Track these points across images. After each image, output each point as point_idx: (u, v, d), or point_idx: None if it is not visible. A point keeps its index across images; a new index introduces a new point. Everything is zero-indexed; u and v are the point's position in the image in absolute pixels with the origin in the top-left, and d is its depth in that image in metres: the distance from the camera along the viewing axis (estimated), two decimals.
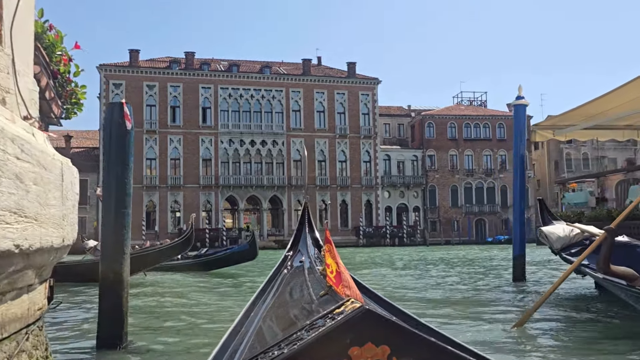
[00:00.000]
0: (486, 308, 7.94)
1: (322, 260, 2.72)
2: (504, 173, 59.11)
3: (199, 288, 11.74)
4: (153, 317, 7.53)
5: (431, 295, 9.41)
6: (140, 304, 9.00)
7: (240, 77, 52.56)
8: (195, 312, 7.96)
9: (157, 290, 11.41)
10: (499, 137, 59.64)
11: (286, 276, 3.63)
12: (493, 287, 10.18)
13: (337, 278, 2.26)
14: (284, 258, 4.14)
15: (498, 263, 19.31)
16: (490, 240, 54.07)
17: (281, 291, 3.25)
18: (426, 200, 57.35)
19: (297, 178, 52.60)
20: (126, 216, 4.11)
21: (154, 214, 49.63)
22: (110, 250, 4.03)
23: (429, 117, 59.06)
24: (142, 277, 13.44)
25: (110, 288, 4.00)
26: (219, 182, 50.81)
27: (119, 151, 4.11)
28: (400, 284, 11.77)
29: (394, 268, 18.01)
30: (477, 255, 26.19)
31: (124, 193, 4.09)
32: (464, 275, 13.85)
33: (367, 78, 56.22)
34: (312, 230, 4.57)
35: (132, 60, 50.87)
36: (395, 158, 57.41)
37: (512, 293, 9.22)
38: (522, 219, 10.44)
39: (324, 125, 54.18)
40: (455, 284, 11.31)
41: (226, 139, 51.50)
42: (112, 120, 4.14)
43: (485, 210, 58.37)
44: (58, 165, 2.21)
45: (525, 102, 10.34)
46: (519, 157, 10.70)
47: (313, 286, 2.70)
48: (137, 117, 49.25)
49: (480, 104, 65.52)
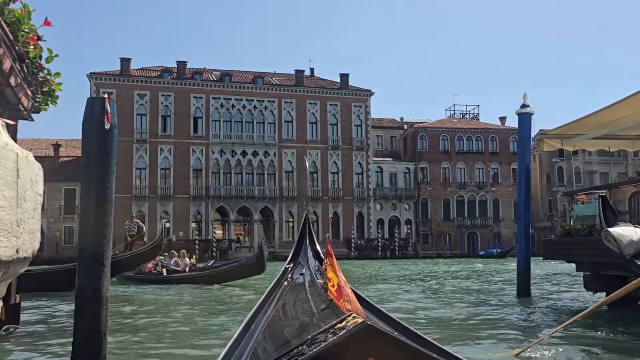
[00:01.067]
0: (489, 327, 7.52)
1: (323, 273, 2.81)
2: (496, 186, 59.02)
3: (191, 303, 11.20)
4: (136, 335, 7.04)
5: (432, 312, 8.98)
6: (123, 320, 8.52)
7: (232, 87, 52.22)
8: (182, 331, 7.48)
9: (145, 305, 10.87)
10: (491, 150, 59.56)
11: (286, 289, 3.57)
12: (496, 304, 9.75)
13: (338, 292, 2.25)
14: (284, 270, 4.07)
15: (499, 277, 18.83)
16: (482, 254, 53.69)
17: (281, 304, 3.21)
18: (418, 213, 57.06)
19: (289, 189, 52.19)
20: (107, 225, 3.66)
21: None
22: (88, 263, 3.57)
23: (422, 129, 58.93)
24: (116, 289, 12.77)
25: (87, 306, 3.53)
26: (209, 193, 50.28)
27: (100, 153, 3.65)
28: (401, 300, 11.32)
29: (393, 282, 17.52)
30: (474, 269, 25.74)
31: (105, 199, 3.64)
32: (465, 290, 13.36)
33: (359, 90, 56.04)
34: (313, 243, 4.47)
35: (123, 69, 50.44)
36: (387, 170, 57.14)
37: (517, 310, 8.80)
38: (528, 232, 10.04)
39: (316, 137, 53.87)
40: (457, 299, 10.87)
41: (217, 149, 51.05)
42: (91, 117, 3.68)
43: (477, 223, 58.14)
44: (11, 158, 1.75)
45: (531, 111, 9.96)
46: (524, 168, 10.29)
47: (314, 299, 2.68)
48: (127, 126, 48.83)
49: (473, 117, 65.57)
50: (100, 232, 3.62)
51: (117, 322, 8.10)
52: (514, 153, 60.04)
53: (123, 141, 48.68)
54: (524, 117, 9.95)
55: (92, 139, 3.68)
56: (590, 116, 8.12)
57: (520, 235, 10.19)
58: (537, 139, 10.16)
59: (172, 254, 18.36)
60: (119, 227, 46.81)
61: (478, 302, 10.03)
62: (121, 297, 12.49)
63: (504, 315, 8.22)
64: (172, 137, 50.28)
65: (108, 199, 3.68)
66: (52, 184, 47.49)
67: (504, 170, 59.53)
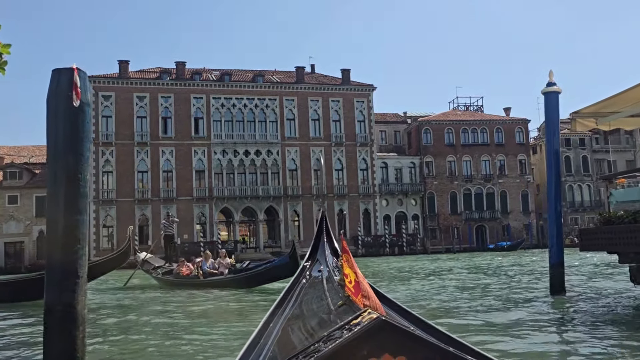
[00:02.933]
0: (525, 326, 6.81)
1: (341, 270, 2.82)
2: (503, 178, 58.19)
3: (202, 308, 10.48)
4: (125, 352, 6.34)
5: (462, 311, 8.25)
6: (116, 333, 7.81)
7: (232, 86, 51.50)
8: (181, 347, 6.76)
9: (146, 313, 10.17)
10: (497, 142, 58.72)
11: (304, 286, 3.57)
12: (529, 301, 8.99)
13: (355, 288, 2.25)
14: (302, 268, 4.05)
15: (522, 270, 17.92)
16: (492, 247, 52.90)
17: (300, 302, 3.22)
18: (425, 207, 56.26)
19: (293, 188, 51.48)
20: (80, 226, 2.93)
21: (146, 229, 48.32)
22: (58, 274, 2.86)
23: (426, 123, 58.11)
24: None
25: (58, 326, 2.82)
26: (213, 194, 49.58)
27: (69, 135, 2.93)
28: (422, 297, 10.57)
29: (410, 279, 16.74)
30: (492, 263, 24.85)
31: (76, 193, 2.92)
32: (491, 286, 12.49)
33: (361, 85, 55.27)
34: (331, 240, 4.39)
35: (121, 72, 49.76)
36: (392, 165, 56.36)
37: (551, 310, 8.05)
38: (560, 222, 9.18)
39: (319, 134, 53.11)
40: (486, 297, 10.10)
41: (219, 150, 50.35)
42: (57, 92, 2.96)
43: (485, 216, 57.30)
44: None
45: (558, 89, 9.16)
46: (553, 152, 9.46)
47: (331, 296, 2.70)
48: (128, 129, 48.19)
49: (477, 108, 64.72)
50: (72, 235, 2.91)
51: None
52: (520, 144, 59.28)
53: (123, 144, 48.08)
54: (551, 96, 9.14)
55: (58, 119, 2.96)
56: (627, 92, 7.36)
57: (552, 225, 9.34)
58: (570, 119, 9.14)
59: (207, 255, 17.22)
60: (123, 232, 46.18)
61: (507, 302, 9.25)
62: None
63: (537, 317, 7.47)
64: (173, 138, 49.60)
65: (81, 193, 2.97)
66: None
67: (511, 162, 58.69)
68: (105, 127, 48.10)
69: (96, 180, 47.33)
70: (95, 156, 47.59)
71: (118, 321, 9.21)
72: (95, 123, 47.86)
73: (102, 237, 47.03)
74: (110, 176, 48.00)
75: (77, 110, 2.97)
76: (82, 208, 2.98)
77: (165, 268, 18.13)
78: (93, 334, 7.60)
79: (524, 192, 58.73)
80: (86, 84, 3.06)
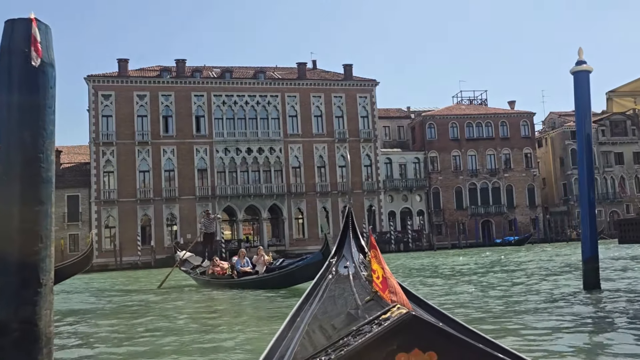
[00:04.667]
0: (561, 324, 6.20)
1: (367, 266, 2.90)
2: (509, 172, 57.49)
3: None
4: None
5: (490, 309, 7.61)
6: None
7: (233, 83, 50.86)
8: None
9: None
10: (502, 136, 58.00)
11: (331, 282, 3.53)
12: (562, 298, 8.33)
13: (383, 284, 2.26)
14: (328, 264, 4.02)
15: (545, 265, 17.16)
16: (499, 242, 52.24)
17: (326, 297, 3.21)
18: (430, 203, 55.59)
19: (297, 185, 50.86)
20: (42, 219, 2.29)
21: (149, 229, 47.75)
22: (13, 281, 2.22)
23: (430, 117, 57.42)
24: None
25: (15, 350, 2.18)
26: (215, 193, 48.97)
27: (28, 103, 2.28)
28: (446, 296, 9.94)
29: (428, 277, 16.09)
30: (508, 259, 24.12)
31: (36, 177, 2.29)
32: (518, 283, 11.74)
33: (364, 80, 54.59)
34: (357, 236, 4.33)
35: (121, 70, 49.15)
36: (396, 161, 55.70)
37: (589, 305, 7.41)
38: (593, 212, 8.48)
39: (322, 130, 52.46)
40: (515, 294, 9.42)
41: (221, 148, 49.74)
42: (10, 49, 2.32)
43: (492, 211, 56.62)
44: None
45: (589, 68, 8.44)
46: (584, 137, 8.73)
47: (358, 292, 2.69)
48: (128, 129, 47.59)
49: (481, 102, 63.99)
50: (31, 232, 2.27)
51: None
52: (525, 137, 58.53)
53: (124, 144, 47.49)
54: (581, 76, 8.40)
55: (12, 83, 2.32)
56: None
57: (584, 216, 8.63)
58: (606, 99, 8.40)
59: (242, 253, 16.29)
60: (129, 233, 45.72)
61: (539, 299, 8.57)
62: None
63: (573, 314, 6.82)
64: (174, 137, 48.99)
65: (43, 177, 2.32)
66: (54, 191, 46.34)
67: (516, 156, 57.96)
68: (105, 127, 47.50)
69: (97, 180, 46.79)
70: (96, 156, 47.05)
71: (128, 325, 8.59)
72: (96, 123, 47.31)
73: (104, 238, 46.46)
74: (111, 176, 47.42)
75: (36, 71, 2.34)
76: (44, 196, 2.35)
77: (204, 267, 17.42)
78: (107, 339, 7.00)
79: (530, 186, 58.00)
80: (49, 39, 2.43)
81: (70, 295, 15.36)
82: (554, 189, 62.29)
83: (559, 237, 55.18)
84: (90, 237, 14.00)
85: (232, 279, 15.05)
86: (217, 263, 16.57)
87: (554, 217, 58.88)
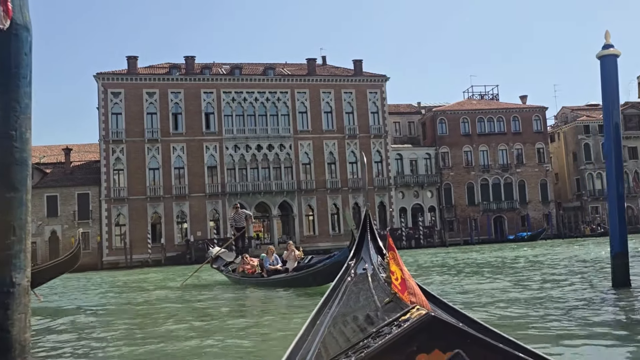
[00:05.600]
0: (590, 324, 5.84)
1: (385, 267, 2.97)
2: (521, 167, 56.83)
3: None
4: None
5: (514, 309, 7.25)
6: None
7: (243, 79, 50.57)
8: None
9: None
10: (514, 131, 57.34)
11: (350, 284, 3.55)
12: (591, 296, 7.94)
13: (402, 285, 2.27)
14: (347, 266, 4.05)
15: (565, 262, 16.64)
16: (512, 238, 51.63)
17: (345, 299, 3.22)
18: (442, 199, 55.06)
19: (307, 182, 50.53)
20: (16, 208, 1.97)
21: (159, 226, 47.63)
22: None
23: (440, 113, 56.86)
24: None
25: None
26: (225, 190, 48.75)
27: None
28: (466, 292, 9.57)
29: (447, 274, 15.71)
30: (526, 254, 23.63)
31: (8, 158, 1.95)
32: (542, 281, 11.28)
33: (374, 75, 54.13)
34: (375, 238, 4.30)
35: (130, 68, 49.01)
36: (407, 157, 55.20)
37: (620, 303, 7.03)
38: (622, 206, 8.02)
39: (332, 126, 52.07)
40: (539, 289, 9.03)
41: (231, 145, 49.49)
42: None
43: (504, 207, 55.99)
44: None
45: (616, 52, 8.01)
46: (612, 126, 8.26)
47: (377, 294, 2.73)
48: (138, 126, 47.46)
49: (492, 97, 63.36)
50: (3, 224, 1.95)
51: None
52: (537, 132, 57.84)
53: (134, 142, 47.36)
54: (608, 60, 7.96)
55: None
56: None
57: (613, 210, 8.17)
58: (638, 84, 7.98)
59: (271, 250, 15.39)
60: (139, 231, 45.57)
61: (566, 297, 8.18)
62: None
63: (603, 313, 6.45)
64: (184, 134, 48.80)
65: (16, 159, 2.01)
66: (64, 189, 46.38)
67: (529, 150, 57.28)
68: (115, 125, 47.39)
69: (107, 178, 46.69)
70: (105, 154, 46.96)
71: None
72: (105, 121, 47.21)
73: (114, 236, 46.40)
74: (121, 174, 47.32)
75: (7, 35, 2.01)
76: (18, 181, 2.05)
77: (237, 264, 16.85)
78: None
79: (542, 181, 57.31)
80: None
81: (84, 295, 15.17)
82: (567, 184, 61.56)
83: (573, 233, 54.55)
84: (77, 236, 13.49)
85: (261, 278, 14.47)
86: (247, 260, 15.85)
87: (567, 213, 58.19)
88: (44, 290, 14.00)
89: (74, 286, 19.64)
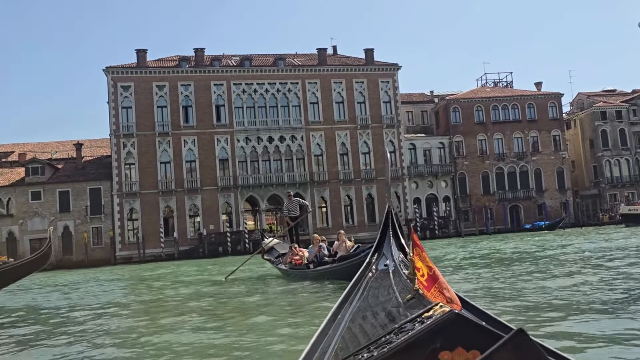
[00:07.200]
0: (631, 324, 5.29)
1: (407, 264, 3.08)
2: (537, 155, 55.90)
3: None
4: None
5: (550, 307, 6.71)
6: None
7: (253, 71, 50.06)
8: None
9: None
10: (529, 118, 56.38)
11: (371, 280, 3.52)
12: (631, 291, 7.38)
13: (428, 282, 2.25)
14: (368, 262, 4.01)
15: (597, 253, 15.79)
16: (528, 227, 50.82)
17: (367, 295, 3.21)
18: (456, 189, 54.31)
19: (319, 173, 50.03)
20: None
21: (172, 220, 47.39)
22: None
23: (454, 101, 55.99)
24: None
25: None
26: (237, 183, 48.37)
27: None
28: (495, 291, 9.01)
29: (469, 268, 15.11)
30: (550, 244, 22.83)
31: None
32: (572, 273, 10.64)
33: (386, 64, 53.38)
34: (397, 235, 4.19)
35: (139, 61, 48.66)
36: (420, 147, 54.48)
37: None
38: None
39: (344, 117, 51.46)
40: (572, 288, 8.39)
41: (242, 137, 49.05)
42: None
43: (519, 195, 55.14)
44: None
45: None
46: None
47: (399, 290, 2.71)
48: (148, 120, 47.18)
49: (507, 84, 62.36)
50: None
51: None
52: (553, 119, 56.88)
53: (145, 135, 47.10)
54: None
55: None
56: None
57: None
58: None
59: (316, 240, 14.54)
60: (151, 225, 45.27)
61: (604, 293, 7.61)
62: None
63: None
64: (195, 127, 48.43)
65: None
66: (76, 184, 46.24)
67: (544, 138, 56.31)
68: (125, 119, 47.13)
69: (119, 173, 46.49)
70: (116, 149, 46.73)
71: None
72: (116, 115, 46.97)
73: (127, 231, 46.21)
74: (132, 168, 47.09)
75: None
76: None
77: (287, 255, 16.13)
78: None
79: (559, 169, 56.34)
80: None
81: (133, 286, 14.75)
82: (584, 171, 60.56)
83: (591, 221, 53.64)
84: (48, 234, 12.99)
85: (307, 269, 13.85)
86: (296, 251, 15.01)
87: (585, 201, 57.26)
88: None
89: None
